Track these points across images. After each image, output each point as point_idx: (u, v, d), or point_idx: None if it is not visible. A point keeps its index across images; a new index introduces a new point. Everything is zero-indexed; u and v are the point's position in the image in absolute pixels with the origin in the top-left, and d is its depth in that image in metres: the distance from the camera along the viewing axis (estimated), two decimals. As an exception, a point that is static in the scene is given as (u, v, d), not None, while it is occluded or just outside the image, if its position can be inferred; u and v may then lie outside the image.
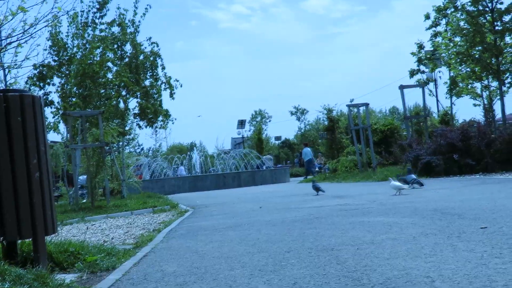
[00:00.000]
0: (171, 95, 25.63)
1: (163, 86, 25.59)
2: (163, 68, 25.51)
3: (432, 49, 28.48)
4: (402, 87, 23.25)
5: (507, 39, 22.74)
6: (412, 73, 30.21)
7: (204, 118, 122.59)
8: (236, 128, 56.63)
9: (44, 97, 21.57)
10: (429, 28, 28.31)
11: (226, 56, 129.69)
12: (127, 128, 26.16)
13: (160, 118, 25.98)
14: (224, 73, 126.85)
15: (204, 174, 35.45)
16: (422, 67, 30.26)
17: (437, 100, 35.09)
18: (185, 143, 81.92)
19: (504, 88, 22.72)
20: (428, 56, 29.21)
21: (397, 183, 12.11)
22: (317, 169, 38.98)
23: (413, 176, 13.49)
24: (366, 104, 25.82)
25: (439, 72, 32.00)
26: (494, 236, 4.64)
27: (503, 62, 22.26)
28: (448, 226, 5.52)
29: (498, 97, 23.17)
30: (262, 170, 35.70)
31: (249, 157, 38.75)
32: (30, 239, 4.96)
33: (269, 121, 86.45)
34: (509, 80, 22.90)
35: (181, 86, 25.91)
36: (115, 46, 23.99)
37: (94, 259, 5.35)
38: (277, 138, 68.45)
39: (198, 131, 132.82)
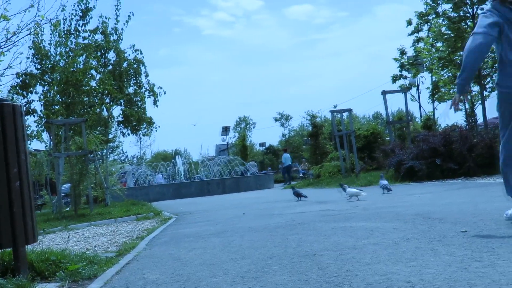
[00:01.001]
0: (155, 102, 25.57)
1: (146, 93, 25.52)
2: (147, 76, 25.45)
3: (414, 54, 28.69)
4: (384, 93, 23.39)
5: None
6: (395, 79, 30.39)
7: (189, 125, 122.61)
8: (220, 134, 56.65)
9: (27, 105, 21.42)
10: (411, 34, 28.55)
11: (209, 62, 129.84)
12: (111, 136, 26.07)
13: (144, 126, 25.89)
14: (208, 79, 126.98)
15: (188, 181, 35.38)
16: (404, 73, 30.46)
17: (420, 105, 35.34)
18: (170, 150, 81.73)
19: (485, 93, 22.91)
20: (411, 61, 29.43)
21: (353, 190, 12.39)
22: (301, 174, 39.06)
23: (384, 182, 13.75)
24: (349, 110, 25.92)
25: (422, 77, 32.27)
26: (475, 239, 4.66)
27: (484, 67, 22.43)
28: (429, 230, 5.54)
29: (480, 101, 23.32)
30: (247, 176, 35.70)
31: (233, 163, 38.75)
32: (11, 249, 4.92)
33: (254, 127, 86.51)
34: (490, 85, 23.08)
35: (164, 93, 25.85)
36: (99, 53, 23.91)
37: (76, 268, 5.31)
38: (261, 144, 68.49)
39: (182, 138, 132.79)
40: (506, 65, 5.29)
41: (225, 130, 55.65)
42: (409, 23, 27.97)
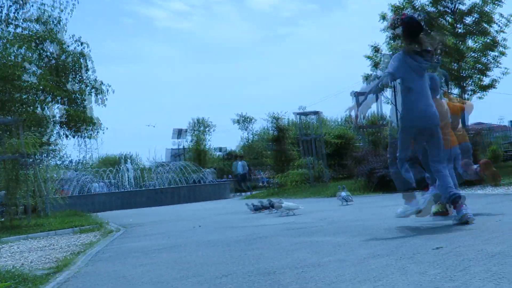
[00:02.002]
0: (103, 101, 25.39)
1: (93, 91, 25.31)
2: (93, 71, 25.25)
3: (389, 52, 28.90)
4: (356, 94, 23.54)
5: (469, 42, 23.23)
6: (367, 78, 30.49)
7: (140, 127, 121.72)
8: (176, 138, 56.43)
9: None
10: (385, 30, 28.75)
11: (163, 58, 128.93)
12: (52, 139, 25.78)
13: (90, 127, 25.67)
14: (162, 77, 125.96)
15: (138, 189, 35.16)
16: (378, 72, 30.60)
17: (396, 109, 35.62)
18: (118, 154, 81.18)
19: (466, 96, 23.16)
20: (385, 60, 29.60)
21: (290, 204, 12.59)
22: (264, 183, 39.14)
23: (343, 193, 14.03)
24: (318, 112, 26.07)
25: (397, 77, 32.55)
26: (449, 257, 4.73)
27: (465, 67, 22.72)
28: (401, 246, 5.60)
29: (460, 105, 23.60)
30: (203, 184, 35.65)
31: (188, 170, 38.63)
32: None
33: (213, 130, 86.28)
34: (471, 87, 23.34)
35: (113, 92, 25.68)
36: (39, 45, 23.63)
37: (7, 286, 5.24)
38: (220, 149, 68.34)
39: (133, 141, 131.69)
40: (404, 101, 7.42)
41: (179, 133, 55.49)
42: (383, 17, 28.22)
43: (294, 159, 31.70)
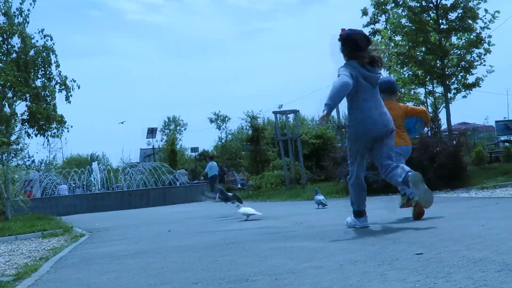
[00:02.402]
0: (67, 98, 25.12)
1: (57, 87, 25.05)
2: (58, 66, 24.97)
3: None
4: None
5: (453, 39, 23.37)
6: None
7: (109, 125, 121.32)
8: (145, 137, 56.27)
9: None
10: (367, 25, 28.89)
11: (134, 53, 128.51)
12: (13, 138, 25.54)
13: (54, 125, 25.41)
14: (132, 73, 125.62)
15: (106, 192, 35.02)
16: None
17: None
18: (85, 154, 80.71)
19: (450, 95, 23.30)
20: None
21: (247, 209, 12.61)
22: (239, 185, 39.14)
23: (320, 197, 14.11)
24: (296, 111, 26.14)
25: (379, 75, 32.67)
26: (430, 263, 4.74)
27: (449, 65, 22.85)
28: (380, 252, 5.62)
29: (444, 104, 23.71)
30: (175, 187, 35.58)
31: (160, 171, 38.56)
32: None
33: (185, 129, 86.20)
34: (455, 85, 23.45)
35: (78, 87, 25.42)
36: (0, 39, 23.38)
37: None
38: (194, 149, 68.22)
39: (101, 140, 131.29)
40: (357, 110, 7.86)
41: (151, 132, 55.36)
42: (364, 12, 28.35)
43: (271, 160, 31.78)
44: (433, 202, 7.92)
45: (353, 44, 7.84)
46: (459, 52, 22.92)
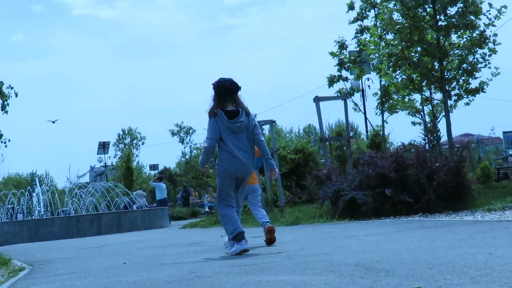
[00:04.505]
0: (3, 107, 24.98)
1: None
2: (-8, 70, 24.86)
3: (357, 49, 29.05)
4: (317, 99, 23.71)
5: (453, 37, 23.37)
6: (332, 81, 30.40)
7: (53, 139, 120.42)
8: (96, 153, 56.05)
9: None
10: (353, 22, 28.95)
11: (82, 54, 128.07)
12: None
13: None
14: (80, 77, 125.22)
15: (50, 217, 34.75)
16: (345, 73, 30.53)
17: (365, 117, 35.80)
18: (25, 173, 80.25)
19: (450, 102, 23.28)
20: (353, 58, 29.60)
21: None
22: (206, 209, 39.04)
23: None
24: (272, 122, 26.14)
25: (368, 79, 32.78)
26: (430, 299, 4.75)
27: (449, 67, 22.81)
28: (371, 287, 5.61)
29: (443, 113, 23.60)
30: (132, 211, 35.43)
31: (114, 193, 38.39)
32: None
33: (142, 143, 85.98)
34: (456, 91, 23.40)
35: (16, 95, 25.26)
36: None
37: None
38: (153, 167, 68.07)
39: (43, 157, 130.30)
40: (222, 151, 10.44)
41: (103, 146, 55.19)
42: (351, 7, 28.42)
43: (243, 179, 31.69)
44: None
45: (219, 92, 10.40)
46: (460, 53, 22.91)
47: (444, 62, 22.43)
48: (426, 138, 24.17)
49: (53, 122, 72.52)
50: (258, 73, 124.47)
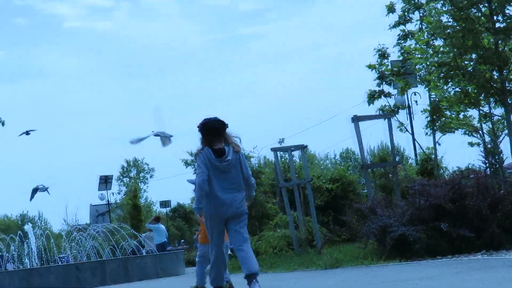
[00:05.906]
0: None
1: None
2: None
3: (400, 58, 28.90)
4: (356, 119, 23.52)
5: (515, 41, 23.18)
6: (372, 97, 30.27)
7: (45, 174, 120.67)
8: (97, 189, 56.09)
9: None
10: (394, 26, 28.88)
11: (75, 73, 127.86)
12: None
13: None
14: (73, 101, 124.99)
15: (45, 266, 34.82)
16: (386, 87, 30.36)
17: (414, 139, 35.58)
18: (15, 215, 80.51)
19: (513, 117, 23.05)
20: (396, 69, 29.39)
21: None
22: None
23: None
24: (303, 147, 26.05)
25: (414, 94, 32.61)
26: None
27: (510, 77, 22.55)
28: None
29: (507, 130, 23.34)
30: (141, 256, 35.42)
31: (119, 235, 38.42)
32: None
33: (151, 176, 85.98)
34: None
35: (3, 124, 25.39)
36: None
37: None
38: (164, 203, 67.92)
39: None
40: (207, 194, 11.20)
41: (105, 181, 55.22)
42: (391, 9, 28.35)
43: (271, 215, 31.58)
44: None
45: (205, 131, 11.58)
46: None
47: (504, 71, 22.14)
48: (486, 161, 23.91)
49: (27, 133, 72.35)
50: (282, 90, 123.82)
